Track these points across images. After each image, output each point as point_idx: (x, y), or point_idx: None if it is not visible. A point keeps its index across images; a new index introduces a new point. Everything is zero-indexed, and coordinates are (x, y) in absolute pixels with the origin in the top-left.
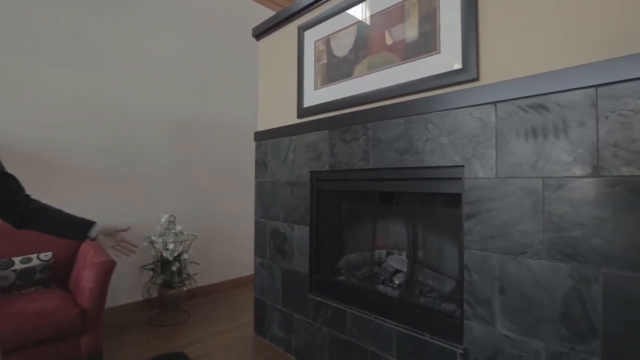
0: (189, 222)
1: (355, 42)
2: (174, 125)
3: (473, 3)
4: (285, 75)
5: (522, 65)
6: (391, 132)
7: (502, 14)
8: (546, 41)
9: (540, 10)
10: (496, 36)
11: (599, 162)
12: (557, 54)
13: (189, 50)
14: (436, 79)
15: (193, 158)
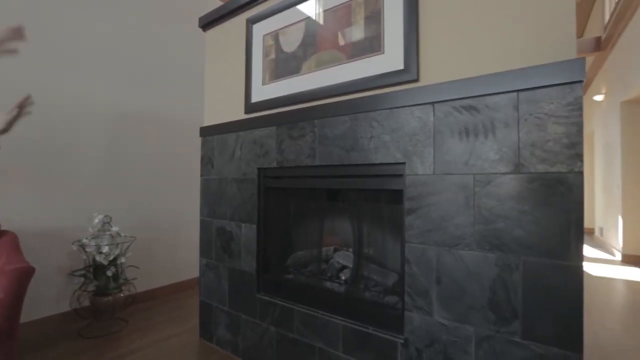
0: (127, 223)
1: (304, 38)
2: (111, 118)
3: (414, 9)
4: (233, 69)
5: (457, 69)
6: (337, 129)
7: (439, 20)
8: (478, 48)
9: (473, 20)
10: (434, 40)
11: (519, 160)
12: (487, 59)
13: (129, 36)
14: (380, 78)
15: (134, 153)
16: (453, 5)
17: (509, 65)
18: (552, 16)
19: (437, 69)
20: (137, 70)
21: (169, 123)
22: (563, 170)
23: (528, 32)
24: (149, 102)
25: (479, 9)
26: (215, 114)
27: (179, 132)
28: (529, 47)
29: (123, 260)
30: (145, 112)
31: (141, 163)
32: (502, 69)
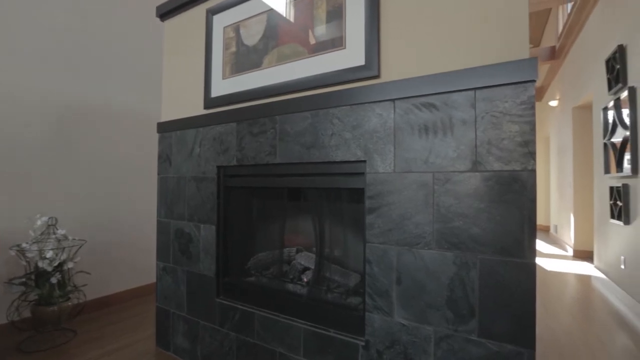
0: (78, 225)
1: (265, 31)
2: (60, 112)
3: (376, 5)
4: (192, 62)
5: (417, 66)
6: (298, 125)
7: (401, 17)
8: (437, 46)
9: (432, 19)
10: (395, 37)
11: (476, 158)
12: (447, 58)
13: (82, 24)
14: (341, 74)
15: (86, 150)
16: (414, 4)
17: (466, 64)
18: (506, 18)
19: (398, 65)
20: (89, 60)
21: (125, 117)
22: (517, 168)
23: (484, 32)
24: (103, 94)
25: (438, 10)
26: (173, 109)
27: (136, 127)
28: (485, 47)
29: (70, 266)
30: (99, 106)
31: (94, 160)
32: (460, 67)
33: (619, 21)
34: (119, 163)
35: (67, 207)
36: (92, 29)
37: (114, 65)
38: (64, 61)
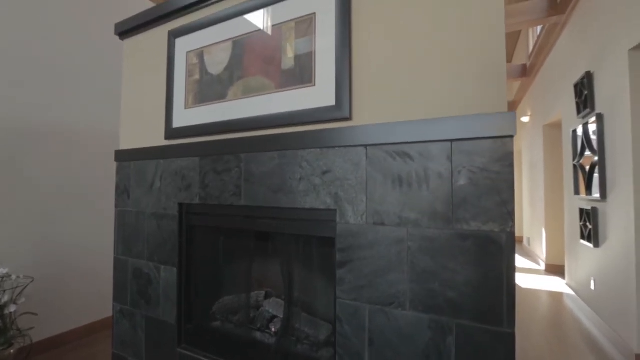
0: (23, 262)
1: (231, 60)
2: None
3: (347, 43)
4: (153, 86)
5: (391, 111)
6: (265, 166)
7: (374, 60)
8: (413, 92)
9: (408, 65)
10: (368, 79)
11: (453, 215)
12: (422, 105)
13: (30, 36)
14: (310, 113)
15: (35, 175)
16: (388, 47)
17: (443, 113)
18: (484, 69)
19: (371, 109)
20: (42, 76)
21: (81, 140)
22: (495, 229)
23: (462, 82)
24: (54, 114)
25: (413, 56)
26: (132, 137)
27: (94, 151)
28: (462, 98)
29: (13, 309)
30: (50, 126)
31: (44, 187)
32: (437, 115)
33: (585, 47)
34: (71, 190)
35: (10, 241)
36: (44, 42)
37: (70, 83)
38: (11, 78)
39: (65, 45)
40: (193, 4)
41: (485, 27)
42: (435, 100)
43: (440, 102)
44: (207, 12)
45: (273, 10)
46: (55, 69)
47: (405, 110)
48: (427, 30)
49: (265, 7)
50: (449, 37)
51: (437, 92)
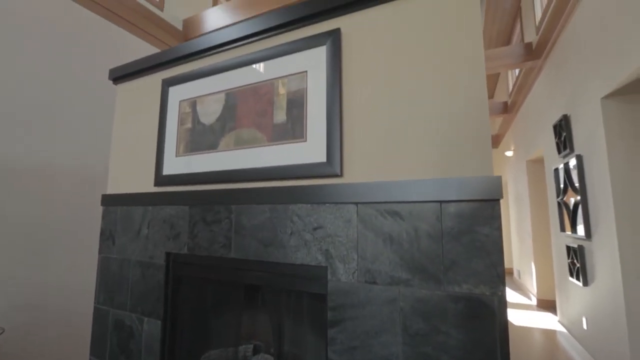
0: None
1: (223, 111)
2: None
3: (337, 102)
4: (145, 132)
5: (383, 170)
6: (256, 219)
7: (364, 118)
8: (403, 153)
9: (398, 125)
10: (359, 137)
11: (444, 277)
12: (412, 166)
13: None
14: (302, 168)
15: (10, 214)
16: (377, 107)
17: (432, 174)
18: (468, 132)
19: (361, 167)
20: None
21: (64, 180)
22: (486, 292)
23: (448, 145)
24: (35, 150)
25: (402, 117)
26: (120, 182)
27: (77, 193)
28: (448, 159)
29: None
30: (37, 164)
31: (22, 227)
32: (426, 176)
33: (561, 91)
34: (50, 233)
35: None
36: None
37: (56, 121)
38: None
39: (55, 85)
40: (187, 55)
41: (468, 95)
42: (424, 161)
43: (429, 162)
44: (201, 64)
45: (266, 66)
46: (42, 107)
47: (395, 169)
48: (414, 93)
49: (258, 62)
50: (435, 102)
51: (426, 153)
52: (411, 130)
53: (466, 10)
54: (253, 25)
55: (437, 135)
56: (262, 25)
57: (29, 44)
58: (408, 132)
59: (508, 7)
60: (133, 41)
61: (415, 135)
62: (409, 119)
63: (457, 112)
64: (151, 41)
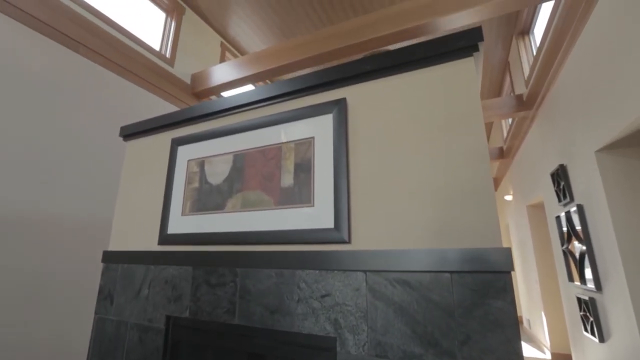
0: None
1: (231, 172)
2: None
3: (344, 169)
4: (151, 189)
5: (391, 238)
6: (261, 283)
7: (372, 186)
8: (413, 221)
9: (403, 191)
10: (367, 204)
11: (459, 352)
12: (421, 234)
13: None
14: (309, 233)
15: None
16: (384, 175)
17: (441, 243)
18: (474, 203)
19: (369, 234)
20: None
21: (66, 232)
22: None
23: (456, 214)
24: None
25: (409, 186)
26: (123, 238)
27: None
28: (457, 229)
29: None
30: (34, 216)
31: (18, 276)
32: (435, 245)
33: (555, 141)
34: (47, 284)
35: None
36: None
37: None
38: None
39: (64, 137)
40: (197, 116)
41: (473, 166)
42: (432, 229)
43: (436, 231)
44: (210, 125)
45: (274, 130)
46: (49, 158)
47: (403, 237)
48: (418, 162)
49: (266, 126)
50: (439, 171)
51: (434, 222)
52: (418, 198)
53: (466, 82)
54: (262, 92)
55: (444, 204)
56: (272, 92)
57: (42, 98)
58: (414, 200)
59: (496, 63)
60: (142, 94)
61: (422, 203)
62: (414, 187)
63: (462, 182)
64: (160, 94)
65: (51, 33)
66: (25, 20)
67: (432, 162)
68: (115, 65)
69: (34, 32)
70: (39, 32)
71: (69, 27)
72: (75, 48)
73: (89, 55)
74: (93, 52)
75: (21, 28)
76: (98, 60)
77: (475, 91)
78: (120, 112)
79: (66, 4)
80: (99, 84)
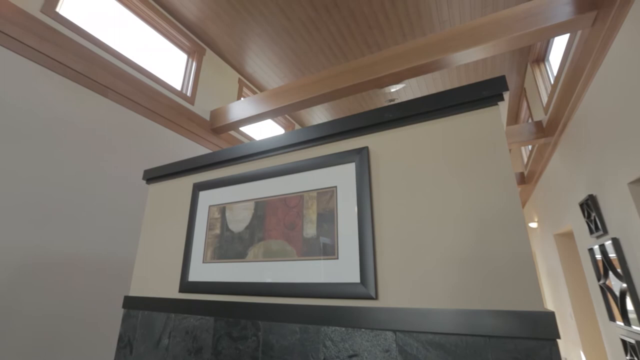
0: None
1: (252, 219)
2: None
3: (369, 219)
4: (173, 234)
5: (420, 295)
6: (285, 339)
7: (398, 238)
8: (441, 277)
9: (433, 246)
10: (393, 258)
11: None
12: (451, 292)
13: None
14: (334, 287)
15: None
16: (411, 228)
17: (475, 304)
18: (511, 262)
19: (398, 290)
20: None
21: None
22: None
23: (491, 271)
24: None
25: (440, 240)
26: (144, 284)
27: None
28: (492, 289)
29: None
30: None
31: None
32: (470, 306)
33: (582, 169)
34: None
35: None
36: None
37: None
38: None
39: (86, 179)
40: (217, 162)
41: (507, 227)
42: (466, 287)
43: (471, 289)
44: (231, 171)
45: (295, 178)
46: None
47: (434, 295)
48: (448, 217)
49: (287, 174)
50: (469, 222)
51: (468, 279)
52: (448, 253)
53: (492, 132)
54: (284, 139)
55: (478, 261)
56: (293, 139)
57: (71, 142)
58: (445, 255)
59: (512, 89)
60: (164, 133)
61: (453, 259)
62: (444, 242)
63: (495, 242)
64: (181, 132)
65: (85, 81)
66: (64, 72)
67: (461, 215)
68: (141, 107)
69: (70, 82)
70: (74, 81)
71: (100, 74)
72: (104, 93)
73: (117, 99)
74: (121, 96)
75: (59, 79)
76: (125, 104)
77: (502, 141)
78: (144, 151)
79: (99, 54)
80: (124, 126)
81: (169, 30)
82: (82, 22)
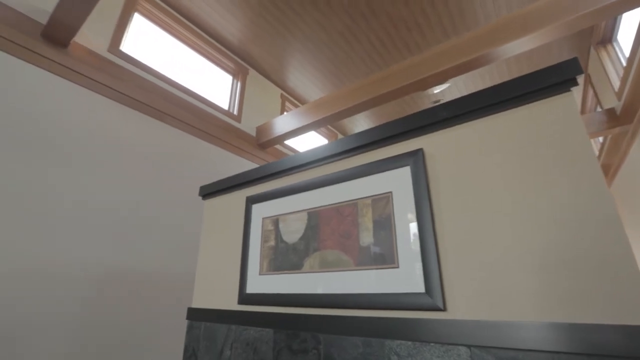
0: None
1: (306, 230)
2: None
3: (429, 225)
4: (228, 247)
5: (493, 305)
6: (347, 353)
7: (463, 245)
8: (518, 282)
9: (507, 251)
10: (460, 264)
11: None
12: (537, 300)
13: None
14: (397, 297)
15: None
16: (477, 230)
17: (558, 316)
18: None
19: (469, 300)
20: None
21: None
22: None
23: (573, 277)
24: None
25: (517, 244)
26: (205, 296)
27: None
28: (594, 298)
29: None
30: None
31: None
32: (553, 318)
33: None
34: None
35: None
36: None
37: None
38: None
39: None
40: (268, 175)
41: (593, 222)
42: (546, 296)
43: (552, 298)
44: (282, 182)
45: (348, 186)
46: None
47: (510, 306)
48: (522, 216)
49: (339, 182)
50: (549, 224)
51: (547, 287)
52: (534, 257)
53: (567, 121)
54: (334, 147)
55: (572, 263)
56: (343, 146)
57: (133, 166)
58: (519, 260)
59: None
60: (215, 152)
61: (529, 264)
62: (530, 245)
63: (580, 240)
64: (230, 149)
65: (145, 109)
66: (129, 103)
67: (545, 216)
68: (193, 128)
69: (132, 110)
70: (135, 109)
71: (157, 101)
72: (161, 118)
73: (172, 123)
74: (175, 120)
75: (123, 108)
76: (179, 126)
77: (580, 128)
78: (197, 170)
79: (156, 83)
80: (179, 147)
81: (215, 55)
82: (141, 55)
